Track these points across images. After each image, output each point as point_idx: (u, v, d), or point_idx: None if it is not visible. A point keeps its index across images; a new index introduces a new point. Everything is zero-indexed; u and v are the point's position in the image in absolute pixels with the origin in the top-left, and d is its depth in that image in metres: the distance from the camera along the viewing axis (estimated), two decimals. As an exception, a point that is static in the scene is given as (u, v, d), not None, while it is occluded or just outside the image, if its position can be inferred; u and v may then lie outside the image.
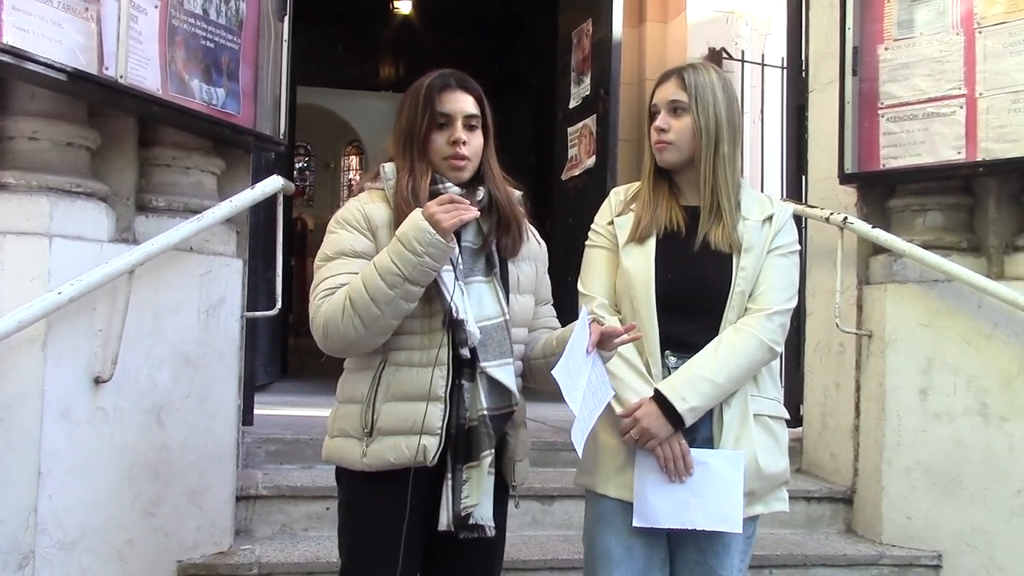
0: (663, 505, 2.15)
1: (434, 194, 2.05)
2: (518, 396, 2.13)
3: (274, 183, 3.37)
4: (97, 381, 2.86)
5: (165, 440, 3.07)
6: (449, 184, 2.10)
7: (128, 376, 2.94)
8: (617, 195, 2.38)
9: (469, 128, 2.12)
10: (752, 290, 2.21)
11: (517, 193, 2.23)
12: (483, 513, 2.06)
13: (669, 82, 2.26)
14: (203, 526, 3.20)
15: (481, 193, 2.13)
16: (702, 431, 2.19)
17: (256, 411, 4.23)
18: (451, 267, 2.04)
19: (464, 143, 2.10)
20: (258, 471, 3.69)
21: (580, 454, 2.06)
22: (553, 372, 1.95)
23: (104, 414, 2.89)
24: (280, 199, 3.56)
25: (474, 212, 2.00)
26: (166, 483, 3.08)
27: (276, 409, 4.95)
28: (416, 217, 1.96)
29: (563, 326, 2.26)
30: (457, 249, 2.06)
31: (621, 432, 2.15)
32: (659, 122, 2.24)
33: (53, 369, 2.75)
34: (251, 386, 4.00)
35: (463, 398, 2.05)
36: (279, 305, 3.76)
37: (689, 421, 2.13)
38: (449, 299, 2.02)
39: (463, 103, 2.12)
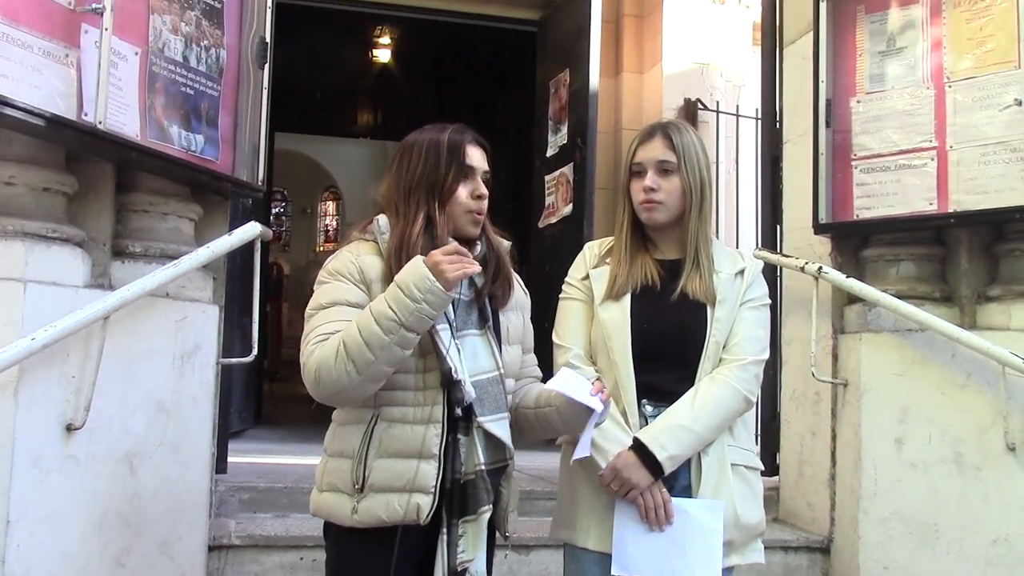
0: (642, 554, 2.14)
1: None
2: (512, 449, 2.11)
3: (252, 230, 3.37)
4: (69, 428, 2.82)
5: (137, 489, 3.03)
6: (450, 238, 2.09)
7: (101, 423, 2.91)
8: (591, 249, 2.41)
9: (484, 183, 2.15)
10: (726, 341, 2.25)
11: (506, 243, 2.25)
12: (478, 568, 2.04)
13: (654, 141, 2.29)
14: (174, 577, 3.14)
15: (480, 247, 2.14)
16: (680, 480, 2.20)
17: (230, 459, 4.17)
18: (447, 324, 2.02)
19: (485, 197, 2.13)
20: (231, 520, 3.64)
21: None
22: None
23: (76, 462, 2.85)
24: (257, 245, 3.55)
25: (477, 267, 1.99)
26: (137, 532, 3.03)
27: (250, 456, 4.88)
28: (416, 263, 1.94)
29: (543, 374, 2.28)
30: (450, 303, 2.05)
31: (602, 483, 2.16)
32: (648, 182, 2.26)
33: (24, 416, 2.71)
34: (225, 433, 3.95)
35: (458, 453, 2.03)
36: (255, 351, 3.73)
37: (668, 469, 2.14)
38: (447, 359, 2.00)
39: (482, 159, 2.16)
